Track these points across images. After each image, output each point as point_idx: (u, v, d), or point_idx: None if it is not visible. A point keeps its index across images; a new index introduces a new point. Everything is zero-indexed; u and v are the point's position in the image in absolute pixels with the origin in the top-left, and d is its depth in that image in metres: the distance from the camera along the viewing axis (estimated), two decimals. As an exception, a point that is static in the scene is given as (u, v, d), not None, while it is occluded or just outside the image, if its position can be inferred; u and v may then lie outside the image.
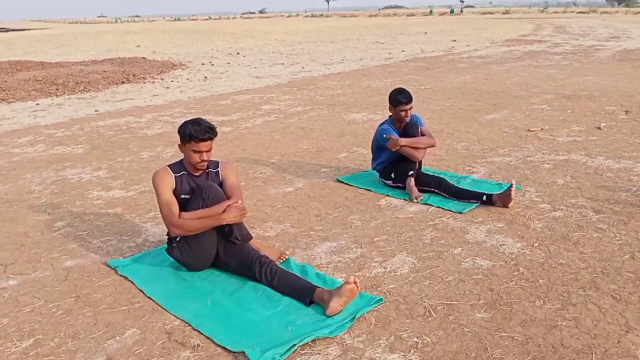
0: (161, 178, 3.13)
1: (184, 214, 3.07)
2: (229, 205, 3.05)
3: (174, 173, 3.16)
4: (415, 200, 4.22)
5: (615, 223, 3.68)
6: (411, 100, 4.39)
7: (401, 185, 4.43)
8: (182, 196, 3.14)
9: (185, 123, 3.11)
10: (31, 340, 2.64)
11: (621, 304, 2.72)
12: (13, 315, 2.87)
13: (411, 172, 4.35)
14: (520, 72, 11.27)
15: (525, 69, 11.74)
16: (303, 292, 2.84)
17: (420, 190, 4.33)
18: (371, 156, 4.71)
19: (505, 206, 3.98)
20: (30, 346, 2.60)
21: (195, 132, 3.02)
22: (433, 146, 4.55)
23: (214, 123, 3.22)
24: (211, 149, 3.13)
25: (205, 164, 3.15)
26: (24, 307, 2.95)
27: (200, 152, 3.08)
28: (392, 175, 4.48)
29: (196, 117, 3.20)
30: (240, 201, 3.11)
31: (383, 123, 4.56)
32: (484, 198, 4.04)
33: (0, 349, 2.59)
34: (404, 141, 4.34)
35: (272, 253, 3.29)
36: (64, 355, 2.51)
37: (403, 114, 4.39)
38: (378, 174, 4.67)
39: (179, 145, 3.18)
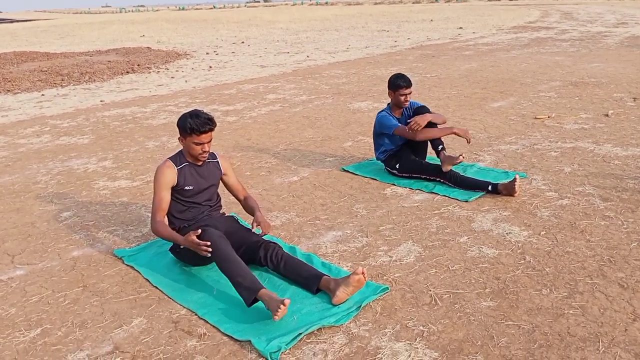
0: (162, 175, 3.11)
1: (161, 226, 3.06)
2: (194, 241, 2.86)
3: (176, 166, 3.16)
4: (457, 162, 4.11)
5: (622, 211, 3.66)
6: (410, 84, 4.36)
7: (406, 175, 4.42)
8: (187, 187, 3.15)
9: (184, 116, 3.08)
10: (39, 330, 2.66)
11: (628, 292, 2.71)
12: (21, 305, 2.90)
13: (440, 147, 4.25)
14: (527, 59, 11.17)
15: (532, 56, 11.63)
16: (310, 279, 2.84)
17: (425, 180, 4.32)
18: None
19: (511, 195, 3.96)
20: (38, 335, 2.62)
21: (196, 125, 3.01)
22: (445, 122, 4.48)
23: (218, 112, 3.23)
24: (212, 139, 3.14)
25: (207, 154, 3.16)
26: (31, 296, 2.97)
27: (202, 143, 3.08)
28: (397, 165, 4.46)
29: (193, 108, 3.17)
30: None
31: (382, 111, 4.54)
32: (490, 188, 4.02)
33: (8, 338, 2.61)
34: (429, 116, 4.26)
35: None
36: (71, 345, 2.53)
37: (402, 98, 4.37)
38: (383, 164, 4.65)
39: (179, 138, 3.17)
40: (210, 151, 3.25)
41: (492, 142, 5.42)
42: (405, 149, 4.46)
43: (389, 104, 4.54)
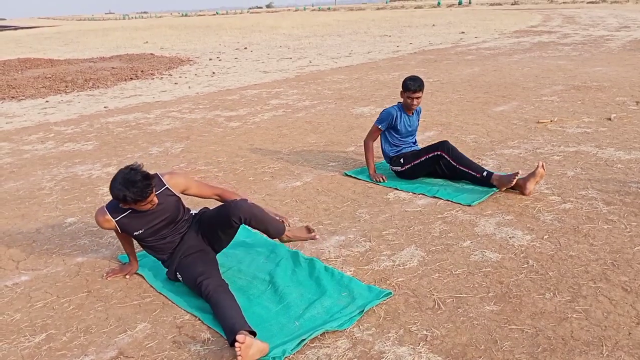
0: (99, 223, 2.97)
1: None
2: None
3: (114, 217, 2.92)
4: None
5: (625, 214, 3.66)
6: (420, 89, 4.40)
7: (409, 166, 4.46)
8: (135, 233, 2.96)
9: (117, 186, 2.73)
10: (44, 335, 2.68)
11: (632, 296, 2.71)
12: (26, 310, 2.91)
13: (485, 172, 4.22)
14: (529, 64, 11.18)
15: (534, 60, 11.64)
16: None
17: (426, 160, 4.37)
18: (380, 148, 4.74)
19: (501, 188, 4.04)
20: (43, 341, 2.63)
21: (135, 195, 2.72)
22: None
23: (222, 118, 3.24)
24: (153, 199, 2.84)
25: (155, 205, 2.89)
26: (36, 302, 2.99)
27: (147, 203, 2.82)
28: (402, 160, 4.49)
29: (122, 169, 2.79)
30: None
31: (394, 105, 4.61)
32: (484, 174, 4.11)
33: (13, 343, 2.62)
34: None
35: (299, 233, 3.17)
36: (76, 350, 2.55)
37: (409, 101, 4.43)
38: (388, 165, 4.68)
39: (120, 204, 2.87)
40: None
41: (495, 146, 5.43)
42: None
43: (400, 101, 4.60)
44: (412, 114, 4.58)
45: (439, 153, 4.29)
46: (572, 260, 3.09)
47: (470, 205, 3.94)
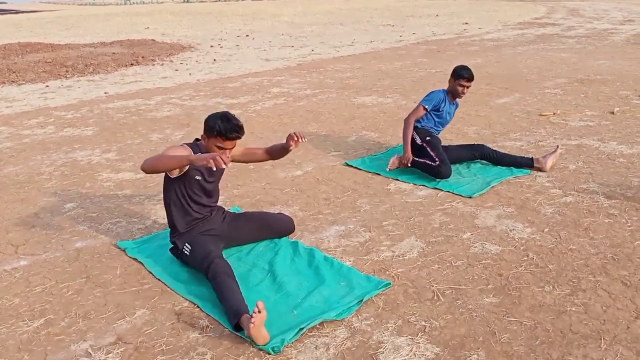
0: (176, 149, 2.94)
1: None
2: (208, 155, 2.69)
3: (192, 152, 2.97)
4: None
5: (626, 209, 3.65)
6: (472, 79, 4.46)
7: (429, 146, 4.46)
8: (197, 177, 3.02)
9: (215, 116, 2.93)
10: (42, 320, 2.68)
11: (631, 290, 2.71)
12: (24, 295, 2.91)
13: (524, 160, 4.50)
14: (532, 56, 11.12)
15: (538, 53, 11.58)
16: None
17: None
18: (381, 139, 4.72)
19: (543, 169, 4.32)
20: (41, 325, 2.63)
21: (225, 130, 2.87)
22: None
23: (222, 105, 3.22)
24: (235, 146, 3.01)
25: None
26: (35, 287, 2.98)
27: (224, 149, 2.94)
28: (427, 137, 4.47)
29: (225, 110, 3.00)
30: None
31: (440, 89, 4.60)
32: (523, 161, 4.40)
33: (12, 328, 2.62)
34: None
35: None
36: (74, 335, 2.55)
37: (460, 89, 4.46)
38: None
39: (202, 135, 3.00)
40: None
41: (497, 138, 5.41)
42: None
43: (444, 89, 4.59)
44: (454, 102, 4.61)
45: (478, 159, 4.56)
46: (572, 253, 3.09)
47: (471, 197, 3.93)
